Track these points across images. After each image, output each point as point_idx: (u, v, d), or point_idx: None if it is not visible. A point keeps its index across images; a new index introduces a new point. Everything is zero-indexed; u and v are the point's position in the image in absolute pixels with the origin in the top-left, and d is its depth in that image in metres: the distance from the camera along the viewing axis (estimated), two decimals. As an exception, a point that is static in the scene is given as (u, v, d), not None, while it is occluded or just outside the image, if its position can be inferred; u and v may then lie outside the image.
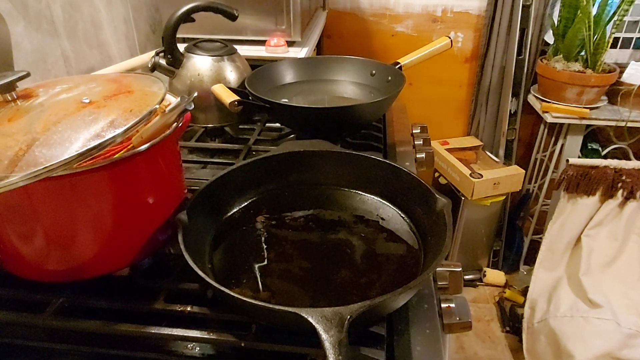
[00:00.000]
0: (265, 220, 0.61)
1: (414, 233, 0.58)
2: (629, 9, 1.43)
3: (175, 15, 0.80)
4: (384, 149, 0.86)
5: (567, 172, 1.48)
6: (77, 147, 0.40)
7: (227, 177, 0.60)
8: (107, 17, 1.02)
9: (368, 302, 0.39)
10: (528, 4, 1.63)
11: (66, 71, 0.90)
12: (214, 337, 0.46)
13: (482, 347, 1.66)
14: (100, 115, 0.45)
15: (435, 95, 1.92)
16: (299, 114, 0.81)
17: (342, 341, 0.36)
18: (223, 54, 0.87)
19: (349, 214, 0.62)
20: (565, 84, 1.55)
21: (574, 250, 1.52)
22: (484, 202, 1.71)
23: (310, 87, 0.98)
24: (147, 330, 0.46)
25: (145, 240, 0.51)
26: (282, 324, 0.45)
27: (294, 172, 0.66)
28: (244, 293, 0.49)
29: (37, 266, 0.48)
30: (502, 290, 1.86)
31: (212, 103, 0.86)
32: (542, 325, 1.47)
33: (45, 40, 0.84)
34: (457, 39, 1.80)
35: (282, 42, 1.14)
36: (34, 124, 0.43)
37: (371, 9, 1.78)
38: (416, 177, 0.58)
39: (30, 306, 0.49)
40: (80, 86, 0.51)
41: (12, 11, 0.76)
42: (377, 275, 0.51)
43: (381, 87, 0.93)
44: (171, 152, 0.53)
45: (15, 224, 0.45)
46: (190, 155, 0.84)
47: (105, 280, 0.50)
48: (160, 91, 0.50)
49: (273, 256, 0.55)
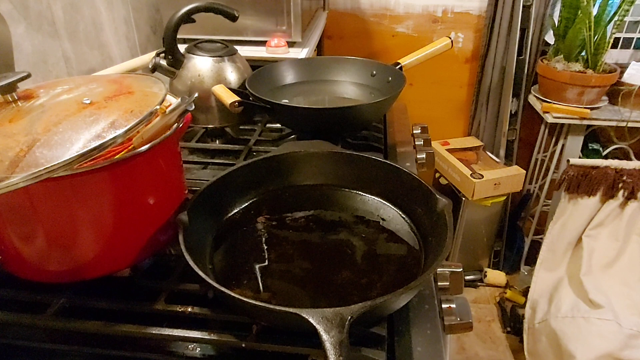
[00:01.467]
0: (266, 220, 0.61)
1: (414, 233, 0.58)
2: (629, 9, 1.43)
3: (175, 16, 0.80)
4: (384, 150, 0.86)
5: (567, 173, 1.48)
6: (78, 147, 0.40)
7: (227, 178, 0.60)
8: (107, 18, 1.02)
9: (369, 303, 0.39)
10: (528, 4, 1.63)
11: (67, 72, 0.90)
12: (214, 337, 0.46)
13: (483, 347, 1.66)
14: (101, 116, 0.45)
15: (435, 95, 1.92)
16: (300, 115, 0.81)
17: (342, 342, 0.36)
18: (224, 55, 0.87)
19: (349, 215, 0.62)
20: (566, 84, 1.55)
21: (575, 251, 1.52)
22: (484, 202, 1.71)
23: (311, 87, 0.98)
24: (148, 331, 0.46)
25: (146, 241, 0.51)
26: (283, 325, 0.45)
27: (295, 173, 0.66)
28: (245, 294, 0.49)
29: (38, 267, 0.48)
30: (503, 291, 1.86)
31: (213, 104, 0.86)
32: (543, 325, 1.47)
33: (46, 42, 0.84)
34: (457, 40, 1.80)
35: (283, 43, 1.14)
36: (34, 125, 0.43)
37: (372, 9, 1.78)
38: (417, 178, 0.58)
39: (31, 307, 0.49)
40: (81, 87, 0.51)
41: (13, 12, 0.76)
42: (378, 276, 0.51)
43: (382, 87, 0.93)
44: (172, 153, 0.54)
45: (16, 225, 0.46)
46: (191, 156, 0.84)
47: (106, 281, 0.50)
48: (161, 92, 0.50)
49: (274, 257, 0.55)
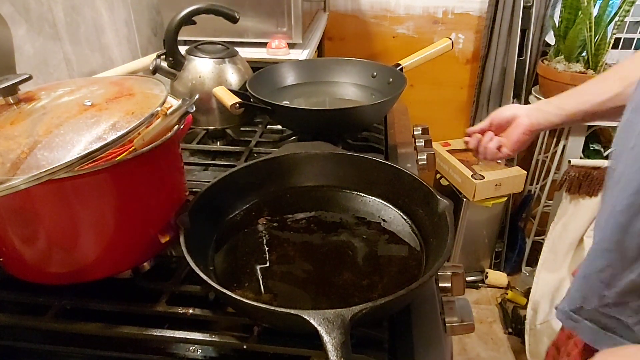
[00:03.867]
0: (267, 222, 0.61)
1: (415, 235, 0.57)
2: (630, 9, 1.43)
3: (176, 18, 0.81)
4: (385, 151, 0.86)
5: (569, 173, 1.47)
6: (79, 149, 0.40)
7: (228, 179, 0.60)
8: (108, 20, 1.02)
9: (370, 304, 0.39)
10: (529, 5, 1.63)
11: (68, 74, 0.90)
12: (216, 339, 0.46)
13: (485, 348, 1.66)
14: (102, 117, 0.45)
15: (436, 96, 1.91)
16: (300, 116, 0.81)
17: (344, 343, 0.36)
18: (224, 57, 0.87)
19: (350, 216, 0.62)
20: (567, 84, 1.54)
21: (576, 252, 1.52)
22: (485, 203, 1.71)
23: (312, 89, 0.98)
24: (149, 333, 0.46)
25: (147, 243, 0.51)
26: (284, 326, 0.44)
27: (296, 174, 0.66)
28: (246, 295, 0.49)
29: (39, 269, 0.48)
30: (504, 292, 1.85)
31: (214, 105, 0.86)
32: (545, 326, 1.46)
33: (47, 44, 0.84)
34: (458, 41, 1.80)
35: (283, 44, 1.14)
36: (36, 127, 0.44)
37: (372, 10, 1.78)
38: (418, 179, 0.58)
39: (33, 309, 0.49)
40: (82, 89, 0.51)
41: (15, 15, 0.76)
42: (379, 277, 0.51)
43: (382, 88, 0.93)
44: (173, 155, 0.54)
45: (18, 227, 0.46)
46: (192, 158, 0.84)
47: (107, 283, 0.50)
48: (162, 94, 0.50)
49: (275, 258, 0.55)
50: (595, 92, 0.70)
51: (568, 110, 0.72)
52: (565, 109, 0.72)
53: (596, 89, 0.70)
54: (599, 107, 0.69)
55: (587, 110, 0.70)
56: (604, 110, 0.69)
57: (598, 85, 0.71)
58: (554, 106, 0.74)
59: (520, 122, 0.75)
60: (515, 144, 0.75)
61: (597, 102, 0.69)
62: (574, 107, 0.71)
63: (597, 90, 0.70)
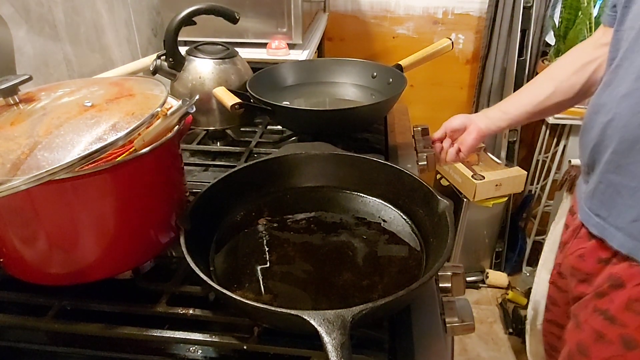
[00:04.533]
0: (267, 222, 0.61)
1: (416, 235, 0.57)
2: (630, 9, 1.43)
3: (176, 19, 0.81)
4: (385, 151, 0.86)
5: (569, 173, 1.47)
6: (79, 150, 0.40)
7: (228, 180, 0.60)
8: (109, 21, 1.03)
9: (370, 305, 0.39)
10: (529, 5, 1.63)
11: (68, 75, 0.90)
12: (216, 340, 0.46)
13: (485, 349, 1.66)
14: (102, 118, 0.45)
15: (436, 96, 1.91)
16: (301, 117, 0.81)
17: (344, 344, 0.36)
18: (224, 57, 0.87)
19: (350, 216, 0.62)
20: (567, 85, 1.54)
21: (576, 252, 1.51)
22: (486, 203, 1.71)
23: (312, 89, 0.98)
24: (150, 333, 0.46)
25: (147, 243, 0.51)
26: (285, 327, 0.44)
27: (296, 175, 0.66)
28: (246, 296, 0.49)
29: (39, 269, 0.48)
30: (504, 292, 1.85)
31: (214, 106, 0.86)
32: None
33: (48, 44, 0.84)
34: (458, 41, 1.80)
35: (283, 45, 1.14)
36: (36, 128, 0.44)
37: (372, 11, 1.78)
38: (418, 179, 0.58)
39: (33, 309, 0.49)
40: (82, 90, 0.51)
41: (15, 15, 0.76)
42: (379, 278, 0.51)
43: (382, 89, 0.93)
44: (173, 155, 0.54)
45: (18, 227, 0.46)
46: (192, 158, 0.84)
47: (107, 284, 0.50)
48: (162, 94, 0.50)
49: (275, 259, 0.55)
50: (532, 94, 0.79)
51: (512, 113, 0.81)
52: (509, 112, 0.81)
53: (532, 91, 0.80)
54: (538, 106, 0.78)
55: (529, 111, 0.79)
56: (543, 108, 0.79)
57: (533, 88, 0.81)
58: (499, 111, 0.82)
59: (472, 129, 0.83)
60: (469, 148, 0.83)
61: (536, 103, 0.78)
62: (516, 110, 0.80)
63: (533, 92, 0.80)
